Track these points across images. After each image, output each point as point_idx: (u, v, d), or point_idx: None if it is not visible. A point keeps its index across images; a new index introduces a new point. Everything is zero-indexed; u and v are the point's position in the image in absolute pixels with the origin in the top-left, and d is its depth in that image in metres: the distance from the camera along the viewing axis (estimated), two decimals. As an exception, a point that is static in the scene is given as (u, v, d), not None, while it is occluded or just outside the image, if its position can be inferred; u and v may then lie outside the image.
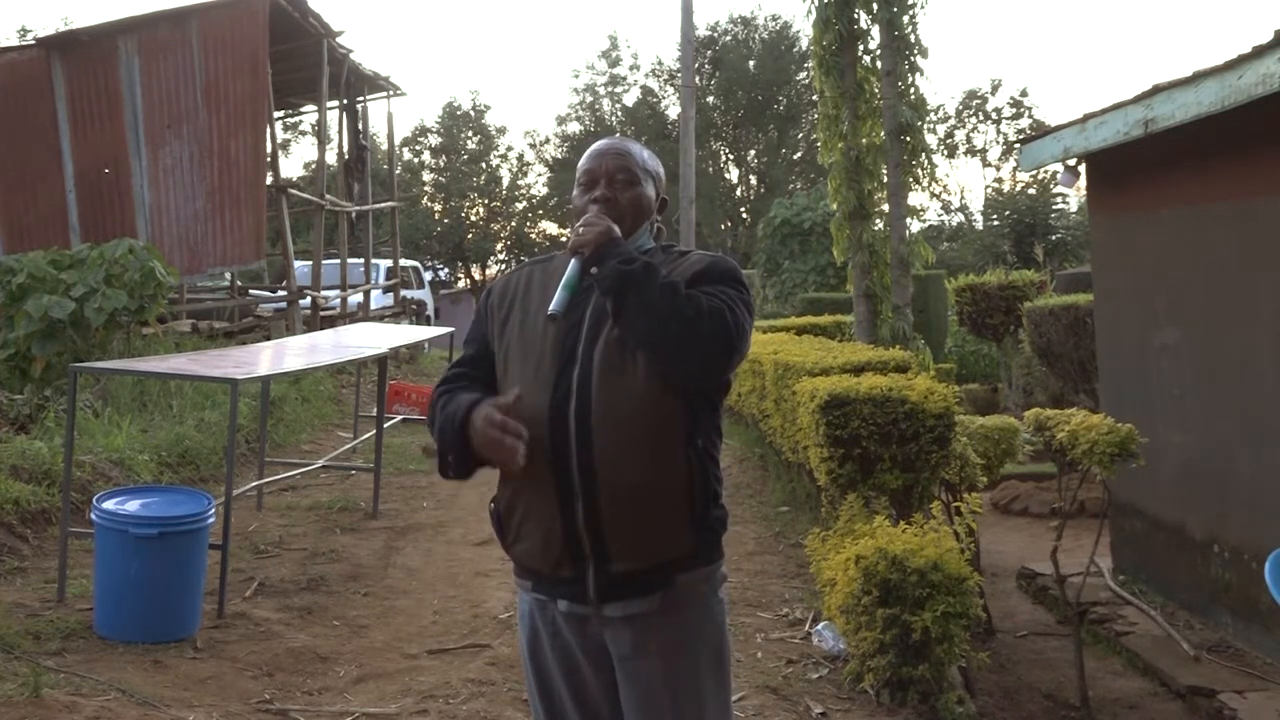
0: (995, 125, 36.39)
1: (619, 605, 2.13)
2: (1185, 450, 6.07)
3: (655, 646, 2.15)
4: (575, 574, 2.12)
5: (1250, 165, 5.43)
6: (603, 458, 2.06)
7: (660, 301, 2.03)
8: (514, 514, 2.18)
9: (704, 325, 2.03)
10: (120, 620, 4.59)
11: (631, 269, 2.05)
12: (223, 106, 13.35)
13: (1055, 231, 22.61)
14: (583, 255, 2.10)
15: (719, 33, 35.28)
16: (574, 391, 2.09)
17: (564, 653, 2.21)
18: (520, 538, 2.19)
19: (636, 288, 2.03)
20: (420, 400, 11.58)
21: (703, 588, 2.19)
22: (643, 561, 2.11)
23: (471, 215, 38.75)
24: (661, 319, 2.03)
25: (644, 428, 2.08)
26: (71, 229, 13.56)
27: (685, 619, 2.17)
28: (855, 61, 9.36)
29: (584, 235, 2.11)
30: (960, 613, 3.97)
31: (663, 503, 2.10)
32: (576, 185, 2.28)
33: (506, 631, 4.95)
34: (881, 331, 9.19)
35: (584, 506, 2.08)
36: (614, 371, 2.08)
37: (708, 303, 2.06)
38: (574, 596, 2.15)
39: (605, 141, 2.34)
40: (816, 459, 5.27)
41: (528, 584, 2.24)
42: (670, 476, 2.10)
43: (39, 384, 8.80)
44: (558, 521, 2.10)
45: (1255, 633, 5.41)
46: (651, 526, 2.10)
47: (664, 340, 2.04)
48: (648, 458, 2.08)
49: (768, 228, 20.61)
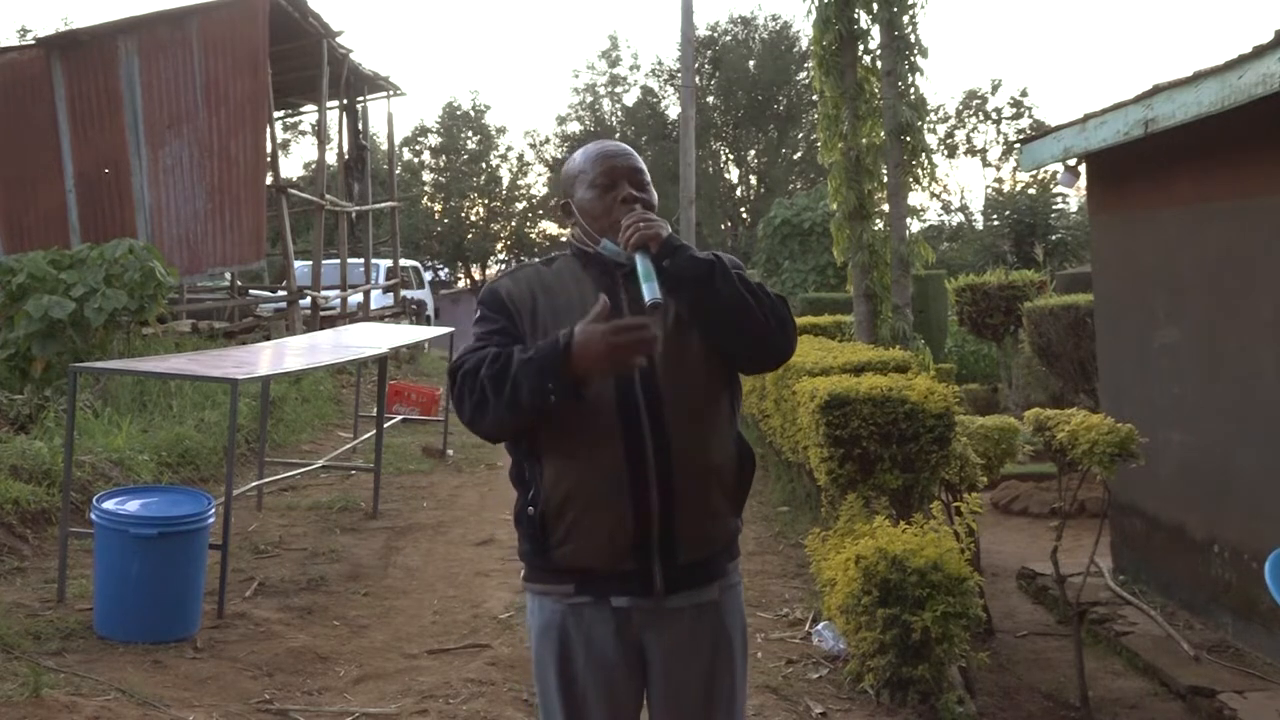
0: (995, 125, 36.39)
1: (684, 596, 2.16)
2: (1185, 450, 6.07)
3: (701, 640, 2.20)
4: (639, 566, 2.12)
5: (1250, 165, 5.43)
6: (678, 441, 2.11)
7: (736, 291, 2.11)
8: (567, 511, 2.12)
9: (776, 312, 2.15)
10: (120, 620, 4.59)
11: (705, 261, 2.12)
12: (223, 106, 13.35)
13: (1055, 231, 22.59)
14: (650, 250, 2.11)
15: (719, 33, 35.26)
16: (637, 380, 2.10)
17: (599, 662, 2.17)
18: (571, 537, 2.13)
19: (716, 278, 2.11)
20: (420, 400, 11.60)
21: (737, 579, 2.28)
22: (705, 549, 2.18)
23: (471, 215, 38.76)
24: (741, 307, 2.11)
25: (707, 411, 2.17)
26: (71, 229, 13.56)
27: (728, 611, 2.25)
28: (855, 61, 9.36)
29: (647, 230, 2.12)
30: (960, 613, 3.97)
31: (723, 487, 2.19)
32: (589, 186, 2.23)
33: (506, 631, 4.95)
34: (881, 331, 9.19)
35: (659, 492, 2.09)
36: (675, 358, 2.14)
37: (771, 292, 2.18)
38: (636, 590, 2.13)
39: (608, 143, 2.34)
40: (816, 459, 5.27)
41: (568, 588, 2.17)
42: (728, 461, 2.20)
43: (39, 384, 8.80)
44: (629, 510, 2.09)
45: (1255, 633, 5.41)
46: (715, 511, 2.18)
47: (745, 326, 2.13)
48: (715, 441, 2.17)
49: (768, 228, 20.60)
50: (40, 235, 13.25)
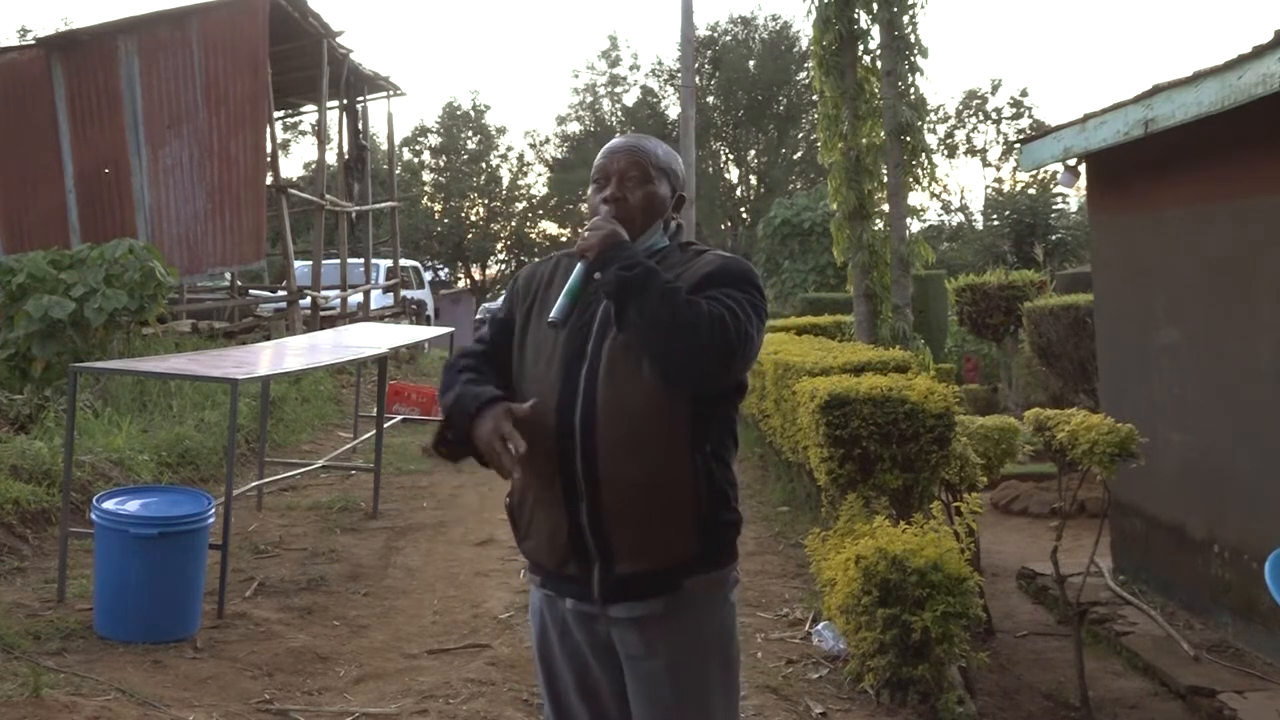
0: (995, 125, 36.44)
1: (624, 607, 2.13)
2: (1185, 450, 6.07)
3: (662, 649, 2.14)
4: (581, 573, 2.12)
5: (1250, 165, 5.42)
6: (606, 456, 2.06)
7: (659, 308, 2.01)
8: (524, 510, 2.20)
9: (702, 332, 2.00)
10: (120, 620, 4.59)
11: (630, 275, 2.04)
12: (223, 106, 13.35)
13: (1055, 231, 22.59)
14: (587, 259, 2.09)
15: (719, 33, 35.31)
16: (580, 390, 2.09)
17: (573, 650, 2.22)
18: (529, 534, 2.20)
19: (635, 294, 2.03)
20: (420, 400, 11.59)
21: (711, 591, 2.17)
22: (648, 563, 2.10)
23: (471, 215, 38.78)
24: (661, 325, 2.01)
25: (649, 428, 2.07)
26: (71, 229, 13.55)
27: (692, 622, 2.16)
28: (855, 61, 9.36)
29: (588, 239, 2.11)
30: (960, 613, 3.97)
31: (667, 504, 2.09)
32: (591, 183, 2.27)
33: (506, 631, 4.95)
34: (881, 331, 9.19)
35: (588, 505, 2.08)
36: (620, 372, 2.08)
37: (709, 308, 2.03)
38: (580, 595, 2.15)
39: (621, 139, 2.33)
40: (816, 459, 5.27)
41: (537, 579, 2.26)
42: (675, 477, 2.09)
43: (39, 384, 8.80)
44: (563, 520, 2.10)
45: (1255, 633, 5.40)
46: (656, 528, 2.09)
47: (663, 346, 2.02)
48: (651, 458, 2.07)
49: (768, 228, 20.62)
50: (40, 235, 13.24)
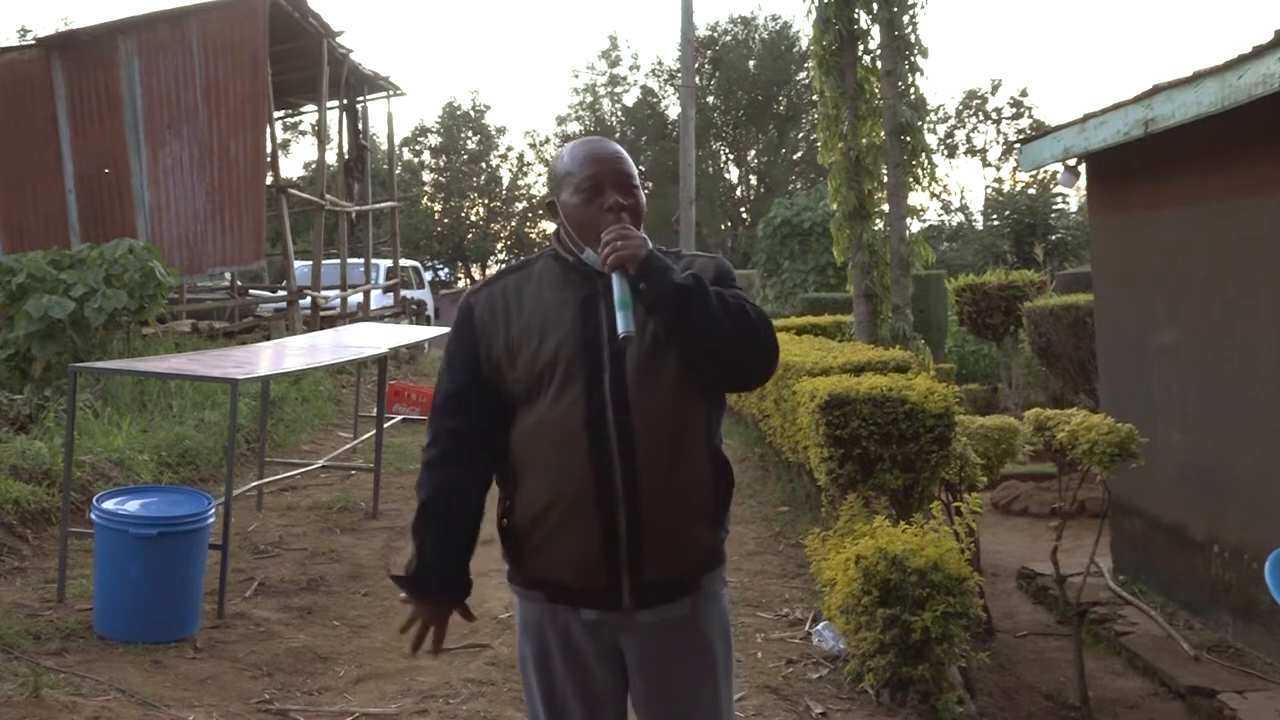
0: (995, 125, 36.43)
1: (653, 612, 2.13)
2: (1185, 450, 6.07)
3: (678, 649, 2.18)
4: (609, 582, 2.11)
5: (1250, 165, 5.42)
6: (646, 463, 2.07)
7: (720, 312, 2.06)
8: (538, 529, 2.13)
9: (760, 329, 2.09)
10: (120, 620, 4.59)
11: (687, 283, 2.06)
12: (223, 106, 13.34)
13: (1055, 231, 22.61)
14: (629, 272, 2.06)
15: (719, 33, 35.28)
16: (609, 401, 2.07)
17: (575, 659, 2.19)
18: (541, 553, 2.14)
19: (697, 300, 2.05)
20: (420, 400, 11.55)
21: (716, 588, 2.23)
22: (676, 567, 2.13)
23: (471, 215, 38.79)
24: (722, 328, 2.05)
25: (680, 431, 2.12)
26: (71, 229, 13.55)
27: (706, 620, 2.20)
28: (855, 61, 9.37)
29: (624, 250, 2.05)
30: (960, 613, 3.97)
31: (696, 505, 2.14)
32: (575, 190, 2.15)
33: (506, 631, 4.94)
34: (881, 331, 9.19)
35: (626, 514, 2.07)
36: (648, 378, 2.08)
37: (751, 307, 2.11)
38: (604, 605, 2.13)
39: (597, 144, 2.23)
40: (816, 459, 5.27)
41: (539, 594, 2.20)
42: (701, 478, 2.14)
43: (39, 384, 8.79)
44: (597, 532, 2.08)
45: (1255, 633, 5.40)
46: (686, 530, 2.13)
47: (727, 347, 2.07)
48: (684, 460, 2.12)
49: (768, 228, 20.59)
50: (40, 235, 13.24)
